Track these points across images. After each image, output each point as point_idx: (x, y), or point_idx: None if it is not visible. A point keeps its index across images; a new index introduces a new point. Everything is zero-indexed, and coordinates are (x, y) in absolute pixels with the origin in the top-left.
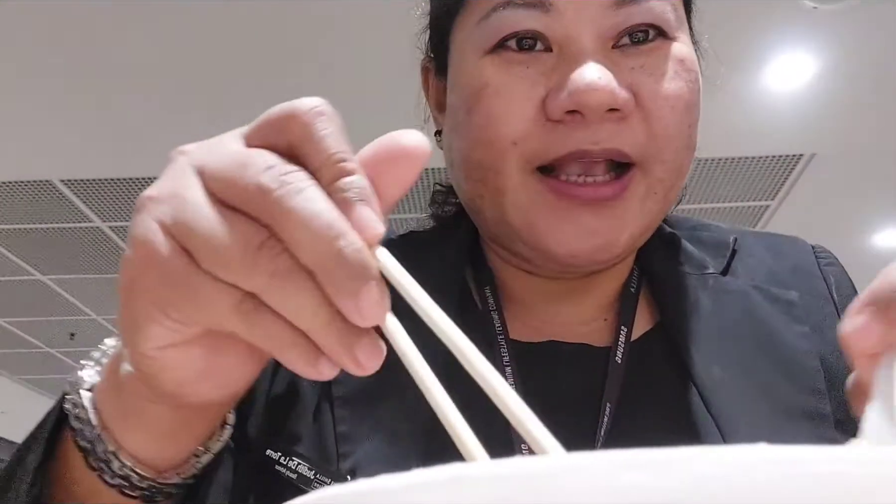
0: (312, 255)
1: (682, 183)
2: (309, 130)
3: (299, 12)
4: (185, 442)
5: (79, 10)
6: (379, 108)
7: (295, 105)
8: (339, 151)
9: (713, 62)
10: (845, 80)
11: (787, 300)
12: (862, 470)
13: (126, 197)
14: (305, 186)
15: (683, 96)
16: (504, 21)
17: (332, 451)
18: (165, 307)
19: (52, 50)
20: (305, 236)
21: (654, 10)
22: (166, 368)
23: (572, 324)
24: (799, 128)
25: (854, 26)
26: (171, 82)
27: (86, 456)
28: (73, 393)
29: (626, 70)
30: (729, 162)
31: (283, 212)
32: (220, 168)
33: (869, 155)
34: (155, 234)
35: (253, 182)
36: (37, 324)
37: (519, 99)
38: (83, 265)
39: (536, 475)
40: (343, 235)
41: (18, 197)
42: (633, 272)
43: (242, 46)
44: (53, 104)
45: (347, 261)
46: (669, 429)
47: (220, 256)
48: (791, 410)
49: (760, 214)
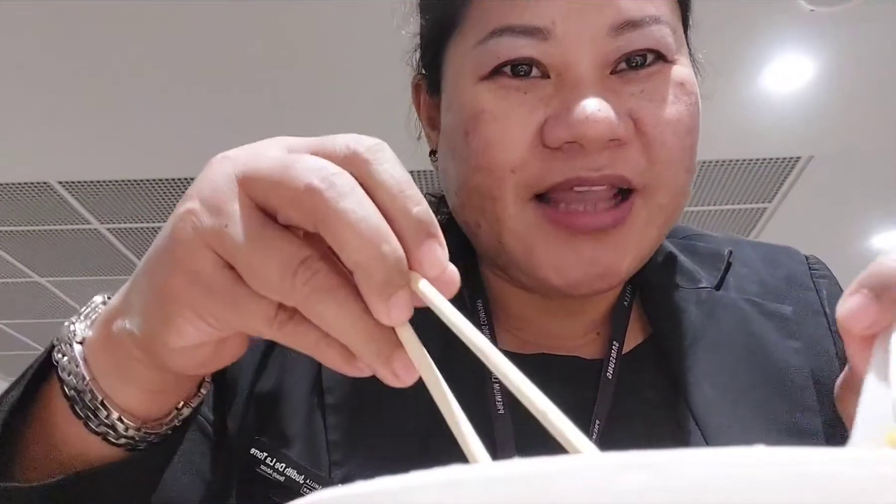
0: (356, 255)
1: (683, 205)
2: (372, 166)
3: (299, 14)
4: (171, 398)
5: (77, 11)
6: (378, 108)
7: (357, 140)
8: (407, 183)
9: (710, 70)
10: (843, 82)
11: (780, 315)
12: (861, 471)
13: (124, 199)
14: (353, 189)
15: (684, 120)
16: (502, 47)
17: (323, 459)
18: (204, 314)
19: (50, 52)
20: (352, 237)
21: (654, 34)
22: (181, 357)
23: (564, 337)
24: (797, 130)
25: (851, 29)
26: (169, 84)
27: (72, 405)
28: (62, 344)
29: (626, 96)
30: (726, 164)
31: (333, 212)
32: (265, 170)
33: (867, 157)
34: (200, 250)
35: (302, 182)
36: (35, 326)
37: (517, 125)
38: (81, 267)
39: (535, 476)
40: (387, 241)
41: (16, 199)
42: (627, 286)
43: (241, 49)
44: (51, 106)
45: (388, 265)
46: (658, 444)
47: (261, 276)
48: (781, 427)
49: (758, 217)
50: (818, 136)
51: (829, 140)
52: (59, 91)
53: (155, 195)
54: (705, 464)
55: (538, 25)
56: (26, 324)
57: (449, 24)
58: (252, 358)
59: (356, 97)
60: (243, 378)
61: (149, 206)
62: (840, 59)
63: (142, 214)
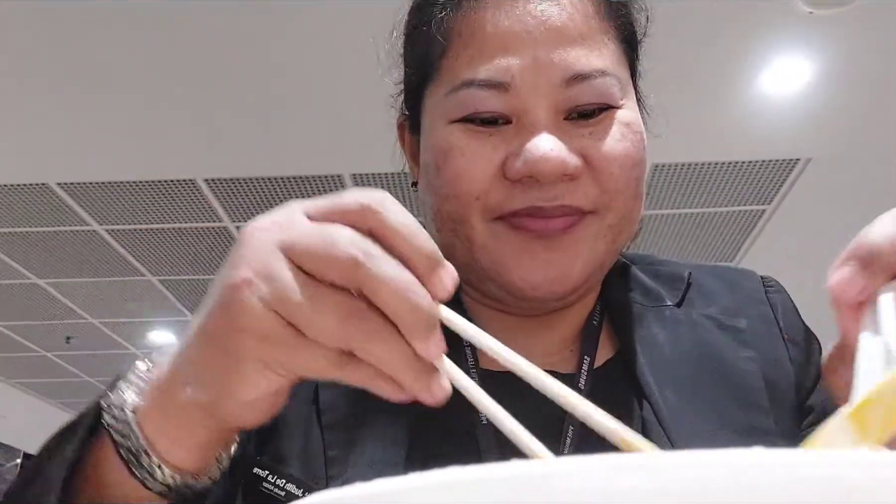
0: (395, 309)
1: (632, 229)
2: (384, 216)
3: (296, 20)
4: (217, 451)
5: (76, 13)
6: (361, 112)
7: (365, 195)
8: (416, 226)
9: (710, 75)
10: (841, 84)
11: (735, 327)
12: (858, 473)
13: (122, 200)
14: (385, 255)
15: (630, 155)
16: (469, 98)
17: (320, 473)
18: (273, 365)
19: (49, 53)
20: (390, 295)
21: (599, 87)
22: (247, 410)
23: (540, 355)
24: (795, 132)
25: (850, 31)
26: (167, 86)
27: (129, 466)
28: (113, 409)
29: (577, 137)
30: (725, 166)
31: (372, 278)
32: (307, 243)
33: (865, 159)
34: (266, 315)
35: (346, 255)
36: (33, 327)
37: (482, 160)
38: (80, 269)
39: (532, 477)
40: (416, 294)
41: (15, 200)
42: (596, 307)
43: (237, 52)
44: (50, 108)
45: (422, 313)
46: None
47: (321, 328)
48: (738, 427)
49: (756, 219)
50: (817, 137)
51: (828, 142)
52: (58, 92)
53: (153, 197)
54: (700, 466)
55: (500, 80)
56: (24, 325)
57: (426, 74)
58: None
59: (351, 99)
60: None
61: (147, 208)
62: (838, 61)
63: (140, 216)
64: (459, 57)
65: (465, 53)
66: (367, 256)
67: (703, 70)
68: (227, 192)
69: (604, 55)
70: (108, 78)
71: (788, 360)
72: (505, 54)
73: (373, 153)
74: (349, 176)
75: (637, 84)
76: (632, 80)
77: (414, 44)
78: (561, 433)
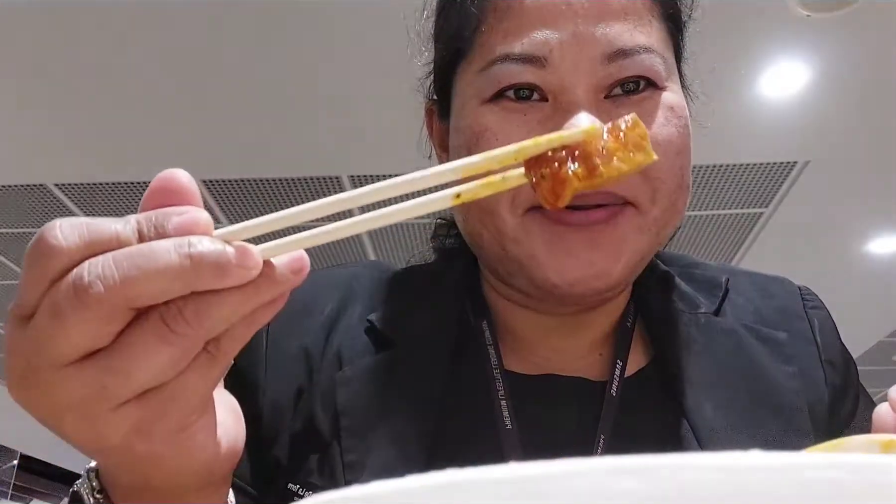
0: (185, 284)
1: (676, 221)
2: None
3: (289, 18)
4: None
5: (76, 14)
6: (360, 114)
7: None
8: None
9: (709, 81)
10: (839, 87)
11: (775, 340)
12: (854, 477)
13: (120, 201)
14: (124, 261)
15: (674, 141)
16: (503, 73)
17: (340, 481)
18: (157, 419)
19: (47, 54)
20: (166, 283)
21: (644, 63)
22: (193, 450)
23: (568, 358)
24: (793, 135)
25: (846, 35)
26: (165, 87)
27: None
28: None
29: (618, 118)
30: (723, 169)
31: (141, 292)
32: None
33: (863, 162)
34: (114, 404)
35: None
36: None
37: (516, 142)
38: None
39: (531, 479)
40: (170, 257)
41: (13, 201)
42: (630, 307)
43: (236, 53)
44: (48, 108)
45: (204, 263)
46: None
47: (154, 373)
48: (776, 448)
49: (754, 222)
50: (814, 140)
51: (826, 145)
52: (56, 94)
53: None
54: (698, 469)
55: (536, 54)
56: None
57: (458, 51)
58: (289, 404)
59: (350, 101)
60: (282, 420)
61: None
62: (836, 65)
63: None
64: (494, 31)
65: (500, 27)
66: (97, 282)
67: (700, 73)
68: (224, 194)
69: (649, 32)
70: (106, 78)
71: (825, 382)
72: (543, 27)
73: (371, 155)
74: (347, 178)
75: (682, 68)
76: (676, 63)
77: (447, 18)
78: (593, 442)
